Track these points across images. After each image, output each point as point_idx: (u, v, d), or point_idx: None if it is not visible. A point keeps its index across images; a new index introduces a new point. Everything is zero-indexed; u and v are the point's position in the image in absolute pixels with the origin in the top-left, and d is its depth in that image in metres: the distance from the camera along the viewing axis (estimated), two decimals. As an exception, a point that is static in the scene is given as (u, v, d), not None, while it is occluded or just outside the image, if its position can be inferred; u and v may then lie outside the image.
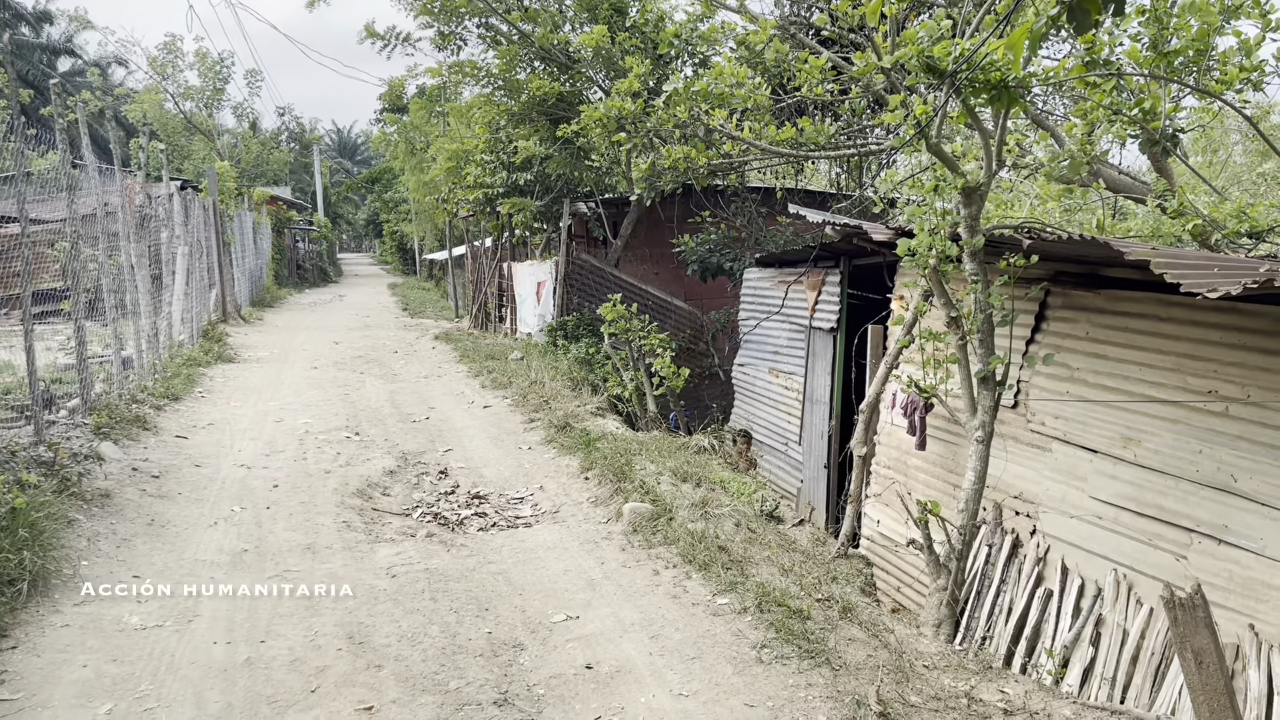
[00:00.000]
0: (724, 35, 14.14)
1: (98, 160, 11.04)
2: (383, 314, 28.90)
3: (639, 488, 7.76)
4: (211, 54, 31.40)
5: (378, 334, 22.45)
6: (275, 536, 7.09)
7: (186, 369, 13.86)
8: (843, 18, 12.79)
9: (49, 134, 9.44)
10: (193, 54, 32.35)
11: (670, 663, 4.97)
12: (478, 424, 11.42)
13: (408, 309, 30.44)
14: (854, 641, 5.17)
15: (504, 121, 17.91)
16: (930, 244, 6.36)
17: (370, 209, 74.11)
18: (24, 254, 8.20)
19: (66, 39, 51.82)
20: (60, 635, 5.17)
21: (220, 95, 31.89)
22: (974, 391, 6.56)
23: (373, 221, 75.67)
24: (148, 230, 13.44)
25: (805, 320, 13.04)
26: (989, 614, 7.81)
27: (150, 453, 9.20)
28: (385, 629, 5.42)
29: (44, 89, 41.08)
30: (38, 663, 4.87)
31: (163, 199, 14.95)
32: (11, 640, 5.04)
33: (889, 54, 10.44)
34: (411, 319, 27.34)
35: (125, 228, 12.02)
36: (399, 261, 65.10)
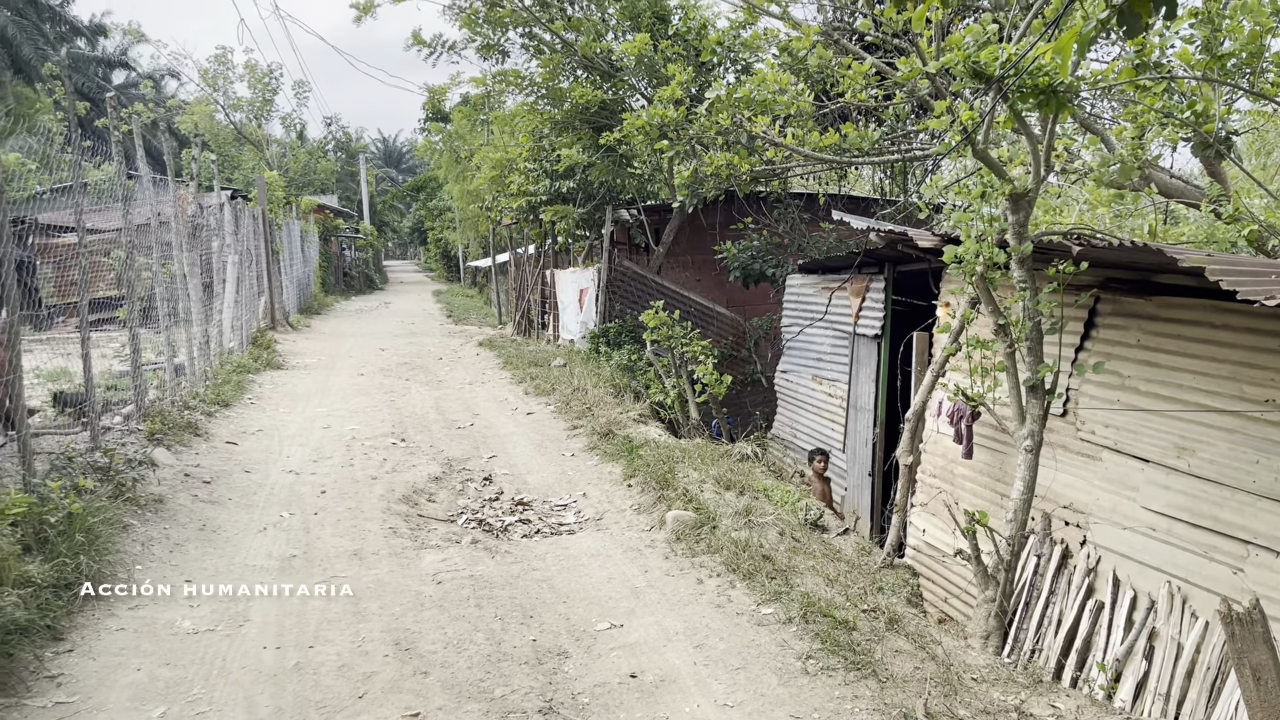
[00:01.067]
0: (766, 42, 14.10)
1: (151, 171, 11.27)
2: (428, 321, 29.16)
3: (682, 495, 7.75)
4: (260, 65, 31.95)
5: (423, 341, 22.66)
6: (323, 542, 7.18)
7: (236, 376, 14.08)
8: (887, 23, 12.73)
9: (104, 145, 9.65)
10: (242, 66, 32.96)
11: (715, 673, 4.95)
12: (521, 431, 11.48)
13: (452, 316, 30.69)
14: (901, 653, 5.12)
15: (547, 130, 18.00)
16: (977, 251, 6.29)
17: (415, 217, 74.91)
18: (81, 263, 8.38)
19: (121, 52, 52.96)
20: (115, 639, 5.27)
21: (269, 106, 32.43)
22: (1022, 400, 6.47)
23: (417, 229, 76.47)
24: (200, 239, 13.70)
25: (849, 327, 12.96)
26: (1038, 626, 7.69)
27: (202, 458, 9.36)
28: (431, 635, 5.46)
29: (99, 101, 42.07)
30: (93, 666, 4.97)
31: (214, 208, 15.23)
32: (68, 643, 5.15)
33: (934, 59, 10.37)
34: (456, 326, 27.55)
35: (178, 237, 12.25)
36: (443, 268, 65.69)
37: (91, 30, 51.64)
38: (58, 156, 10.23)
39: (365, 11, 16.01)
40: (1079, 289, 6.93)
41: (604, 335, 16.65)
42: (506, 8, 15.81)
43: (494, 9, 16.39)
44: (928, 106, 11.80)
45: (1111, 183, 6.86)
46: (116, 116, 9.64)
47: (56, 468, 7.00)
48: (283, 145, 39.54)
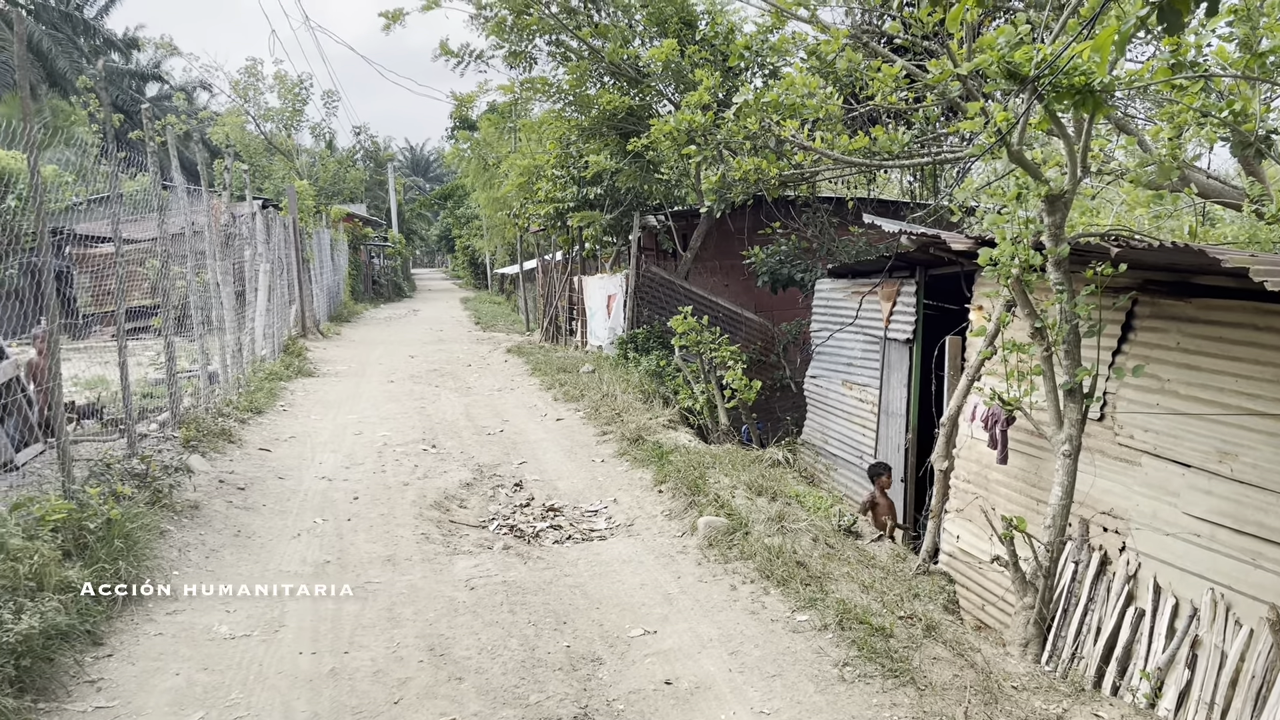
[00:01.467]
0: (794, 46, 14.05)
1: (185, 181, 11.39)
2: (456, 328, 29.29)
3: (713, 501, 7.71)
4: (290, 76, 32.27)
5: (451, 348, 22.75)
6: (356, 548, 7.21)
7: (268, 383, 14.19)
8: (915, 24, 12.65)
9: (138, 156, 9.77)
10: (272, 77, 33.31)
11: (750, 680, 4.91)
12: (551, 437, 11.48)
13: (480, 323, 30.81)
14: (939, 660, 5.06)
15: (574, 137, 18.05)
16: (1013, 253, 6.22)
17: (442, 225, 75.35)
18: (118, 272, 8.48)
19: (154, 65, 53.69)
20: (154, 644, 5.31)
21: (299, 116, 32.74)
22: (1060, 404, 6.39)
23: (445, 237, 76.92)
24: (232, 248, 13.83)
25: (880, 331, 12.87)
26: (1076, 633, 7.58)
27: (235, 465, 9.43)
28: (465, 641, 5.46)
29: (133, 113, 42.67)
30: (132, 670, 5.01)
31: (246, 218, 15.37)
32: (108, 648, 5.19)
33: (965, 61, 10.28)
34: (484, 333, 27.66)
35: (211, 246, 12.37)
36: (470, 276, 66.01)
37: (125, 44, 52.37)
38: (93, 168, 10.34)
39: (394, 20, 16.13)
40: (1117, 291, 6.84)
41: (632, 341, 16.64)
42: (534, 15, 15.87)
43: (521, 17, 16.46)
44: (958, 109, 11.73)
45: (1149, 183, 6.77)
46: (152, 128, 9.75)
47: (95, 474, 7.07)
48: (311, 154, 39.91)
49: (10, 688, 4.37)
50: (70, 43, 45.08)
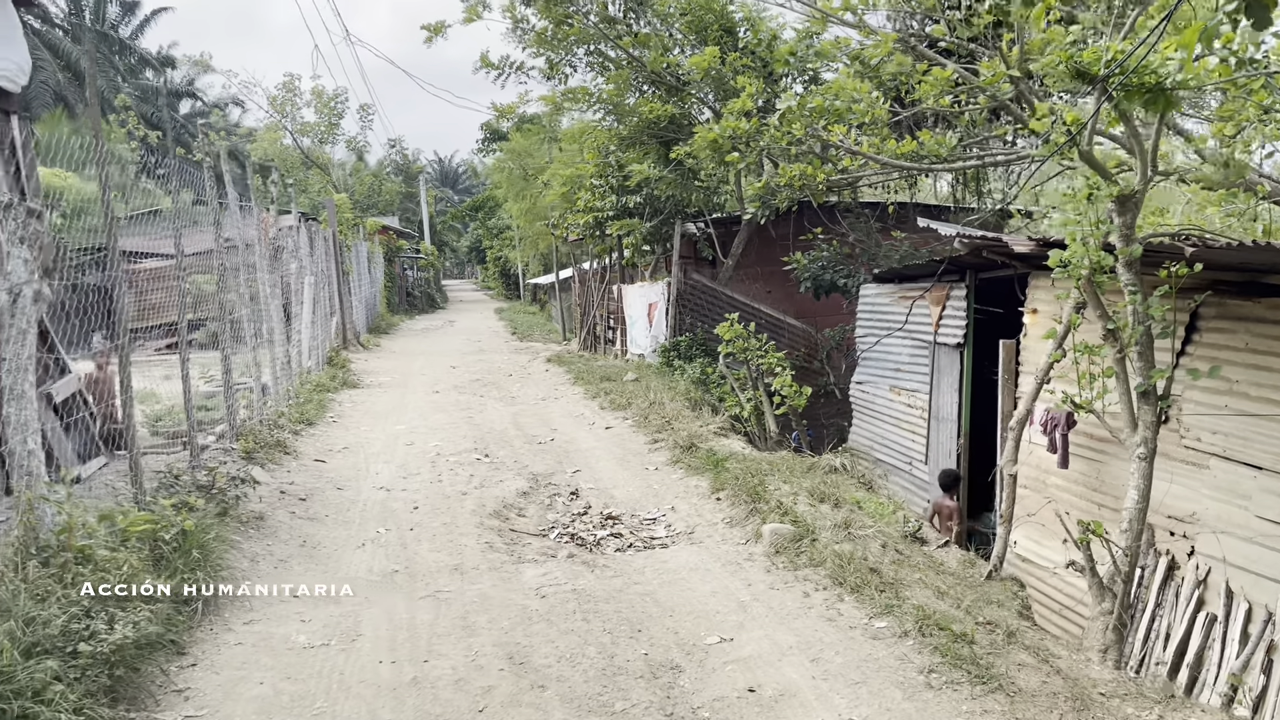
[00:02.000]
0: (840, 50, 14.02)
1: (233, 194, 11.52)
2: (493, 338, 29.41)
3: (776, 508, 7.68)
4: (327, 91, 32.62)
5: (491, 358, 22.84)
6: (422, 557, 7.24)
7: (317, 395, 14.31)
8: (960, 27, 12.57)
9: (182, 172, 9.89)
10: (309, 92, 33.68)
11: (835, 686, 4.88)
12: (602, 445, 11.49)
13: (516, 333, 30.92)
14: (1025, 667, 5.00)
15: (613, 146, 18.10)
16: (1085, 254, 6.15)
17: (472, 236, 75.72)
18: (181, 286, 8.59)
19: (188, 82, 54.47)
20: (235, 653, 5.35)
21: (335, 130, 33.07)
22: (1133, 406, 6.31)
23: (475, 248, 77.27)
24: (280, 261, 13.97)
25: (928, 336, 12.77)
26: (1144, 639, 7.48)
27: (294, 476, 9.50)
28: (543, 649, 5.46)
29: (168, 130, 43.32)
30: (217, 680, 5.04)
31: (290, 231, 15.53)
32: (191, 658, 5.24)
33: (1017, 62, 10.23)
34: (521, 342, 27.74)
35: (262, 259, 12.50)
36: (502, 287, 66.19)
37: (160, 61, 53.17)
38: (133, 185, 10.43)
39: (436, 33, 16.25)
40: (1187, 292, 6.75)
41: (675, 349, 16.63)
42: (575, 26, 15.94)
43: (560, 27, 16.54)
44: (1008, 111, 11.64)
45: (1216, 183, 6.67)
46: (207, 144, 9.88)
47: (164, 485, 7.15)
48: (342, 167, 40.25)
49: (105, 697, 4.41)
50: (107, 61, 45.83)
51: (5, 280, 5.27)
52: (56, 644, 4.32)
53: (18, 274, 5.30)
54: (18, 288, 5.29)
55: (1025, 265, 10.33)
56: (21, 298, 5.30)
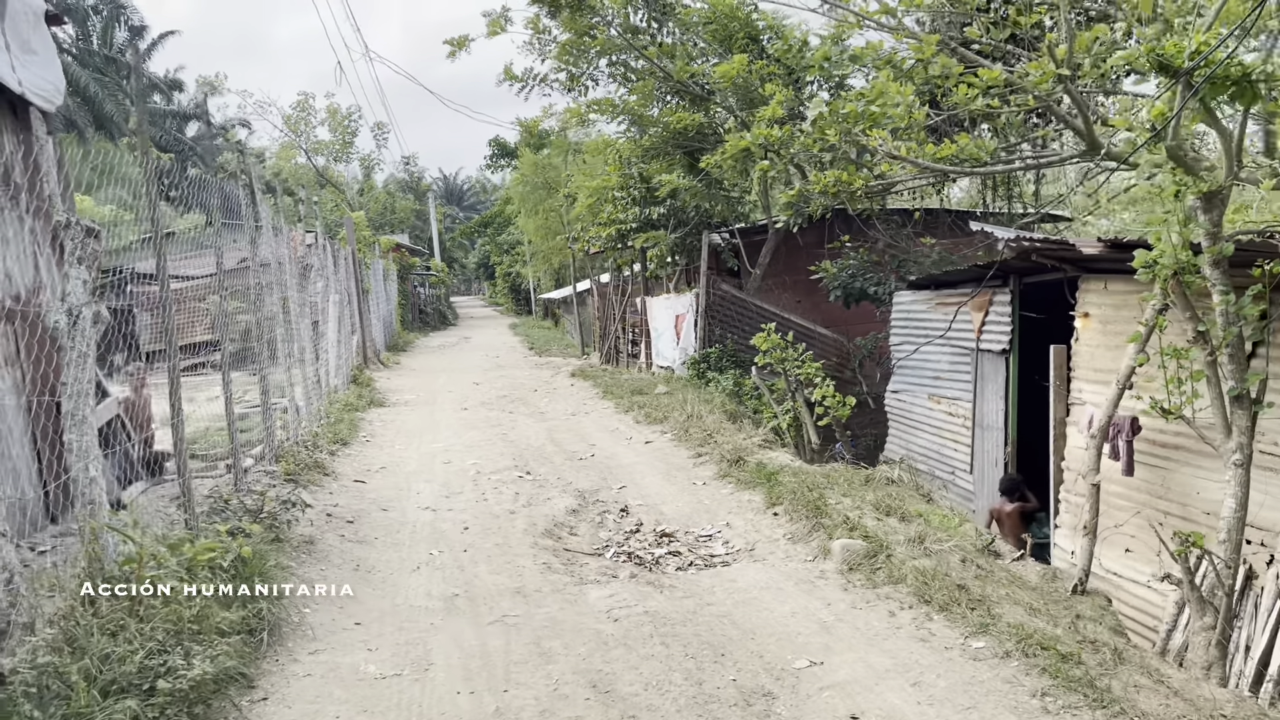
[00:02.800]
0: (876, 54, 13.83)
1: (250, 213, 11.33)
2: (510, 354, 29.22)
3: (842, 523, 7.42)
4: (341, 109, 32.53)
5: (513, 373, 22.64)
6: (481, 580, 7.00)
7: (347, 414, 14.11)
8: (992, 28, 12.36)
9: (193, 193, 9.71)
10: (324, 110, 33.60)
11: (943, 713, 4.62)
12: (644, 460, 11.25)
13: (534, 348, 30.73)
14: (1141, 688, 4.74)
15: (636, 158, 17.93)
16: (1173, 253, 5.92)
17: (480, 252, 75.56)
18: (222, 306, 8.39)
19: (196, 105, 54.52)
20: (305, 685, 5.12)
21: (349, 148, 32.99)
22: (1226, 411, 6.06)
23: (484, 264, 77.08)
24: (308, 280, 13.79)
25: (970, 343, 12.53)
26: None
27: (337, 498, 9.28)
28: (626, 676, 5.21)
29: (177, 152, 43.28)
30: (290, 714, 4.81)
31: (317, 249, 15.36)
32: (261, 690, 5.00)
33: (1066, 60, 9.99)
34: (540, 358, 27.55)
35: (291, 278, 12.31)
36: (512, 302, 65.97)
37: (168, 85, 53.23)
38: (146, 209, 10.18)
39: (460, 46, 16.10)
40: (1272, 291, 6.51)
41: (705, 360, 16.41)
42: (598, 38, 15.79)
43: (583, 39, 16.40)
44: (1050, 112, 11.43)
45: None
46: (242, 162, 9.72)
47: (215, 510, 6.94)
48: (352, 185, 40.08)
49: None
50: (116, 85, 45.83)
51: (64, 303, 5.07)
52: (133, 681, 4.09)
53: (76, 295, 5.10)
54: (77, 309, 5.09)
55: (1077, 268, 10.11)
56: (81, 320, 5.10)
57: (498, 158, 56.26)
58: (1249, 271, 6.13)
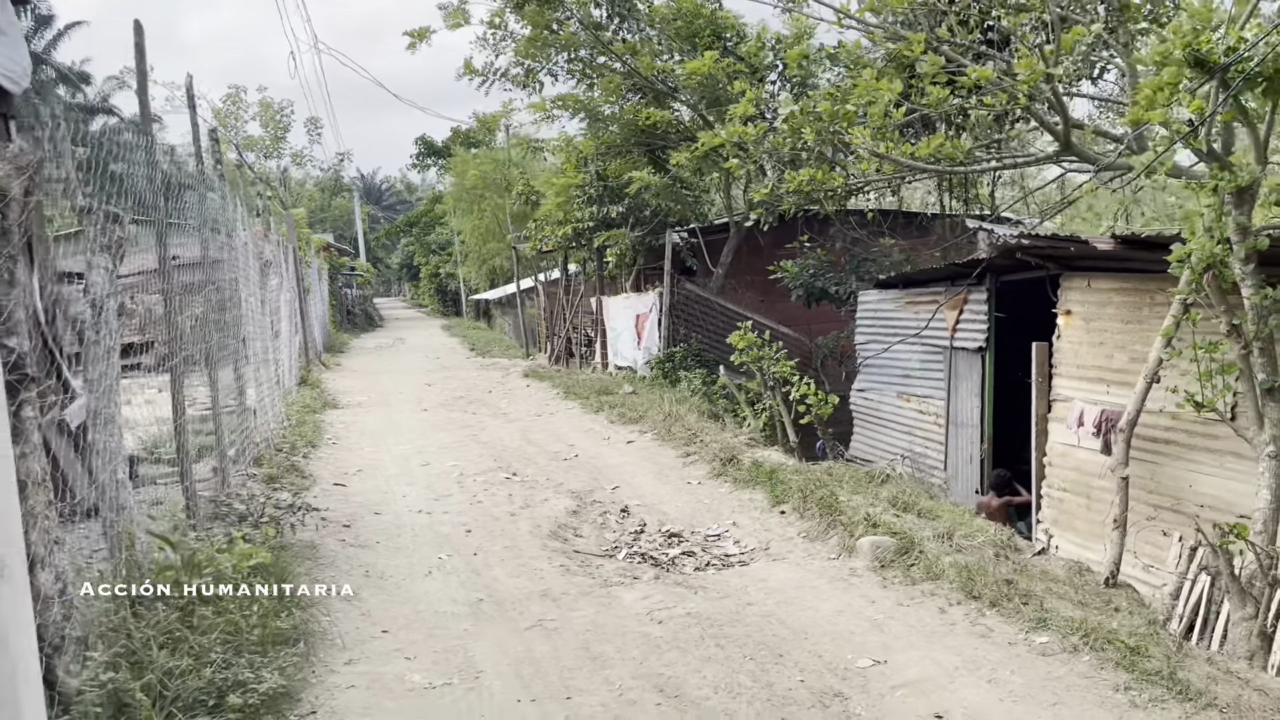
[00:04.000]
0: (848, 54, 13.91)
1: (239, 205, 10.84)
2: (451, 355, 28.71)
3: (863, 520, 7.34)
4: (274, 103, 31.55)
5: (461, 374, 22.22)
6: (501, 584, 6.74)
7: (309, 416, 13.62)
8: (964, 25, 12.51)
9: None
10: (256, 104, 32.56)
11: (1030, 709, 4.55)
12: (630, 460, 11.06)
13: (474, 349, 30.24)
14: (1213, 679, 4.74)
15: (594, 155, 17.72)
16: (1210, 248, 5.97)
17: (404, 252, 74.22)
18: (239, 303, 7.95)
19: (102, 98, 52.39)
20: (353, 698, 4.81)
21: (280, 143, 32.03)
22: (1259, 404, 6.14)
23: (407, 265, 75.74)
24: (267, 277, 13.25)
25: (943, 341, 12.63)
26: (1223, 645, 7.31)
27: (322, 501, 8.88)
28: (692, 680, 5.02)
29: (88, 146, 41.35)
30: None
31: (271, 244, 14.78)
32: (307, 704, 4.67)
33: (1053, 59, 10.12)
34: (483, 359, 27.11)
35: (255, 274, 11.81)
36: (438, 304, 64.83)
37: (77, 77, 51.02)
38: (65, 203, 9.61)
39: (420, 38, 15.68)
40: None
41: (670, 360, 16.27)
42: (561, 33, 15.54)
43: (543, 33, 16.12)
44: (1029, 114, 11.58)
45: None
46: (216, 154, 9.24)
47: (218, 516, 6.54)
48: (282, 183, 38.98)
49: (249, 757, 3.87)
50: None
51: (88, 294, 4.68)
52: (200, 698, 3.76)
53: (99, 286, 4.72)
54: (101, 300, 4.70)
55: (1059, 266, 10.24)
56: (105, 311, 4.72)
57: (424, 156, 55.41)
58: (1275, 268, 6.22)
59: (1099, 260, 9.48)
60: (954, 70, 11.09)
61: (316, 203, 36.76)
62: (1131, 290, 8.96)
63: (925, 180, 17.89)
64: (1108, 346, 9.40)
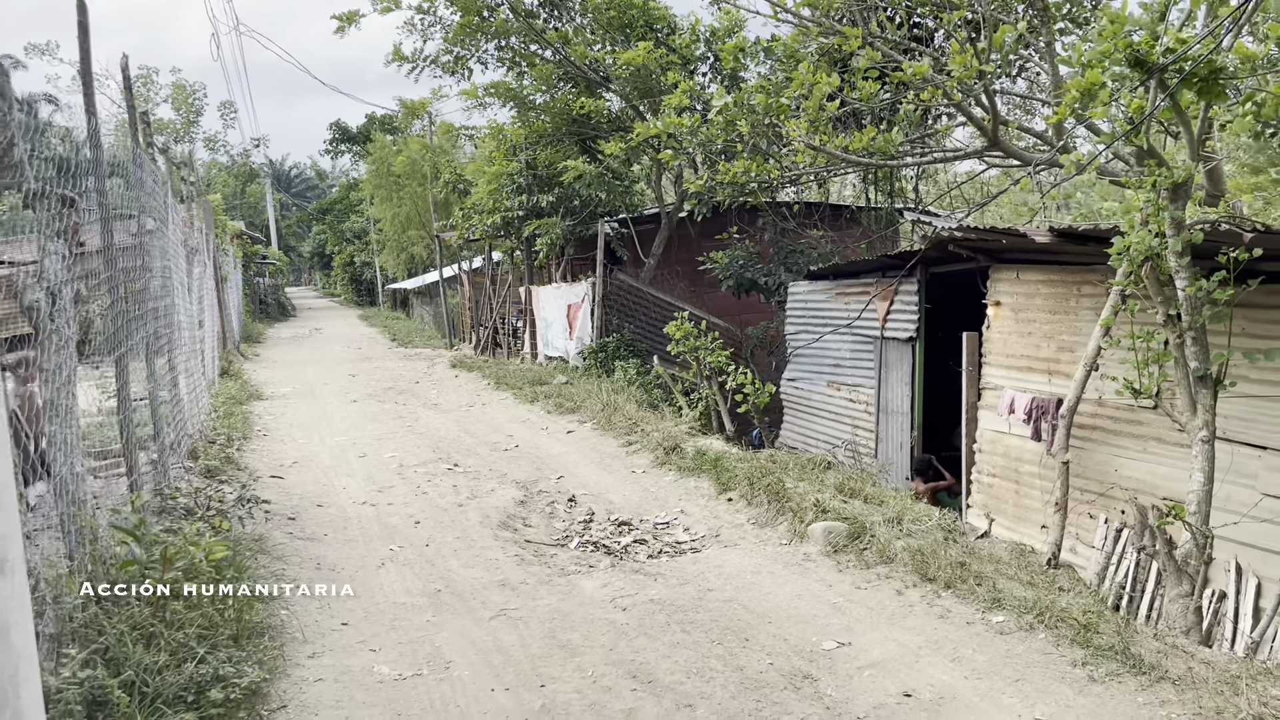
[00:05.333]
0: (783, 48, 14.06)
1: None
2: (373, 345, 28.24)
3: (813, 506, 7.48)
4: (187, 86, 30.49)
5: (385, 365, 21.89)
6: (458, 574, 6.69)
7: (238, 408, 13.27)
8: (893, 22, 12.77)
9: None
10: (169, 86, 31.42)
11: (995, 686, 4.71)
12: (572, 450, 11.05)
13: (396, 339, 29.79)
14: (1163, 654, 4.97)
15: (525, 144, 17.60)
16: (1148, 240, 6.23)
17: (316, 241, 72.48)
18: (154, 289, 7.69)
19: (2, 73, 49.95)
20: (321, 691, 4.73)
21: (192, 127, 31.00)
22: (1192, 391, 6.44)
23: (319, 253, 73.98)
24: (193, 264, 12.86)
25: (873, 331, 12.90)
26: (1147, 617, 7.66)
27: (261, 494, 8.66)
28: (663, 665, 5.07)
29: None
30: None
31: (195, 230, 14.34)
32: (275, 700, 4.58)
33: (973, 58, 10.40)
34: (406, 349, 26.74)
35: (180, 260, 11.44)
36: (352, 293, 63.50)
37: (11, 63, 48.57)
38: None
39: (348, 22, 15.35)
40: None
41: (603, 350, 16.28)
42: (493, 20, 15.38)
43: (472, 19, 15.94)
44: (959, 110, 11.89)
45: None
46: (148, 136, 8.93)
47: (165, 510, 6.35)
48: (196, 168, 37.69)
49: (229, 754, 3.79)
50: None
51: (42, 282, 4.49)
52: (180, 694, 3.67)
53: (55, 273, 4.53)
54: (56, 287, 4.52)
55: (989, 258, 10.56)
56: (60, 298, 4.54)
57: (338, 142, 54.26)
58: (1206, 261, 6.52)
59: (1027, 253, 9.81)
60: (884, 66, 11.34)
61: (230, 189, 35.62)
62: (1059, 282, 9.29)
63: (852, 174, 18.20)
64: (1036, 336, 9.71)
